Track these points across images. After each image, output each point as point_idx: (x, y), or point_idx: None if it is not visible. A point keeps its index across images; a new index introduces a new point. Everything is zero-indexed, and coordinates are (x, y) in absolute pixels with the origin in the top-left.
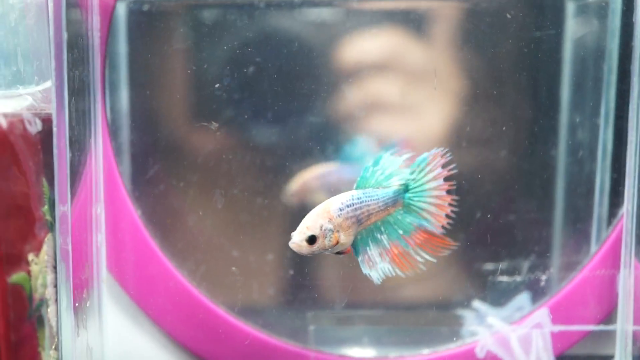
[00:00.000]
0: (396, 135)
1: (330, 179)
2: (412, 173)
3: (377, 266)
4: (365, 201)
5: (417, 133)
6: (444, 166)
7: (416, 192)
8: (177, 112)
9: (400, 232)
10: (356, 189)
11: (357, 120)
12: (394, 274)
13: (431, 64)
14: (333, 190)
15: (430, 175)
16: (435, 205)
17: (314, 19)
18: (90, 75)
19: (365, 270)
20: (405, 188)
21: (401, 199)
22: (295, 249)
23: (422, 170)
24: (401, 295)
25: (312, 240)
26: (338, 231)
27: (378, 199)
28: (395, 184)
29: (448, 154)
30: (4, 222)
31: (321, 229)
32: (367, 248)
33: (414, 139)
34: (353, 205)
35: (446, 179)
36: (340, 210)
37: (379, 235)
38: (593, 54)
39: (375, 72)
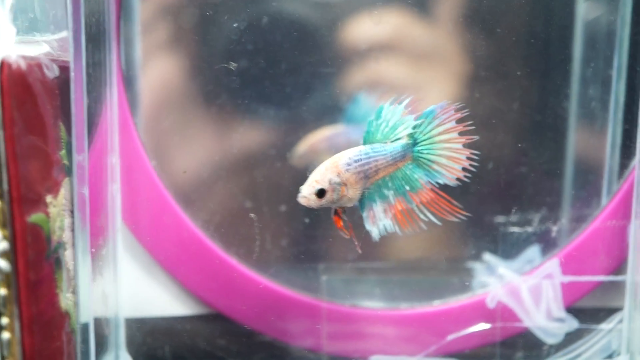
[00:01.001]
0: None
1: (338, 140)
2: (419, 125)
3: (379, 222)
4: (373, 156)
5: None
6: (458, 121)
7: (425, 145)
8: (190, 64)
9: (407, 188)
10: (364, 144)
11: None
12: (394, 231)
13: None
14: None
15: (441, 128)
16: (447, 157)
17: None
18: (106, 25)
19: (367, 226)
20: (414, 141)
21: (410, 152)
22: (304, 203)
23: (431, 122)
24: (412, 247)
25: (320, 193)
26: (346, 185)
27: (386, 153)
28: (403, 137)
29: (463, 109)
30: (23, 163)
31: (330, 183)
32: (373, 204)
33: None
34: (361, 160)
35: (462, 133)
36: (348, 165)
37: (385, 191)
38: (606, 7)
39: (381, 52)
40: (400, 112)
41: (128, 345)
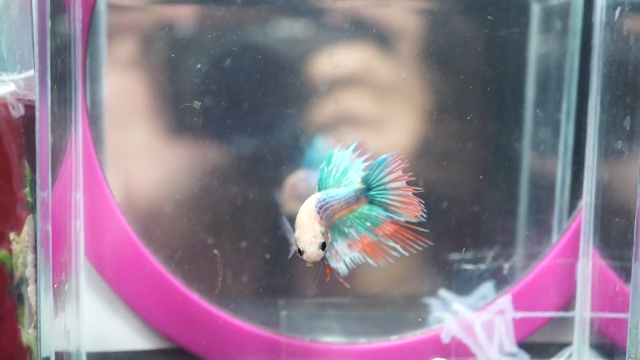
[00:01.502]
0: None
1: (300, 186)
2: (372, 172)
3: (345, 257)
4: (329, 201)
5: (385, 133)
6: (404, 171)
7: (379, 190)
8: (154, 103)
9: (368, 224)
10: (318, 190)
11: (329, 132)
12: (364, 261)
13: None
14: (304, 197)
15: (392, 176)
16: (400, 202)
17: (286, 34)
18: (72, 65)
19: (333, 264)
20: (368, 186)
21: (364, 196)
22: (313, 259)
23: (383, 170)
24: (370, 284)
25: (323, 246)
26: (327, 231)
27: (340, 197)
28: (356, 182)
29: (406, 160)
30: None
31: (322, 234)
32: (334, 242)
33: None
34: (321, 206)
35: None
36: (318, 212)
37: (345, 229)
38: (556, 53)
39: (342, 89)
40: (349, 157)
41: None
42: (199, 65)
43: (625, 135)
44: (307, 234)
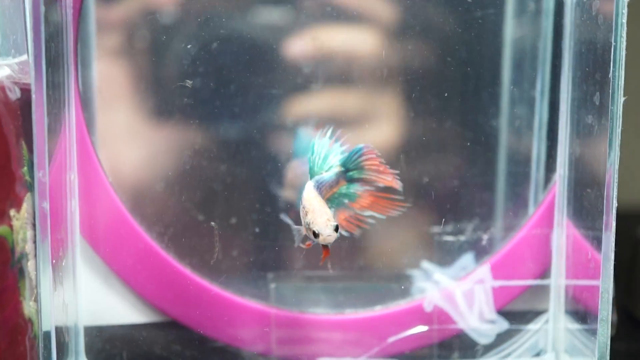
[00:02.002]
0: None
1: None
2: (350, 157)
3: None
4: (319, 187)
5: (367, 114)
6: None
7: (356, 171)
8: (144, 87)
9: (346, 201)
10: (310, 178)
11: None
12: (346, 235)
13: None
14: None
15: (367, 158)
16: (376, 175)
17: (271, 16)
18: (64, 49)
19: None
20: (346, 169)
21: (343, 177)
22: (329, 242)
23: (360, 156)
24: (356, 257)
25: (336, 228)
26: None
27: (324, 182)
28: (336, 166)
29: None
30: None
31: (333, 216)
32: None
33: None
34: (318, 192)
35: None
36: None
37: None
38: (530, 34)
39: (328, 65)
40: (327, 144)
41: (87, 351)
42: (188, 46)
43: (595, 111)
44: (321, 217)
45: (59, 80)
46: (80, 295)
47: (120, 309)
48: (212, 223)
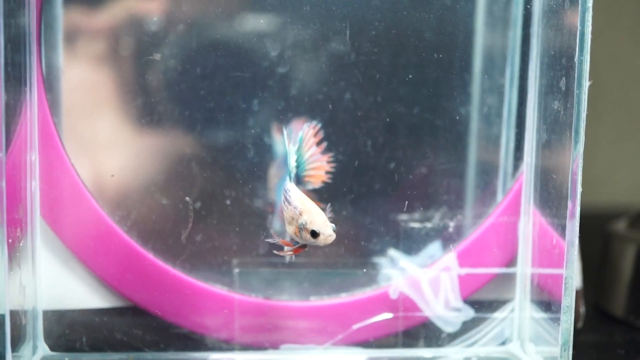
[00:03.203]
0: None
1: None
2: (297, 152)
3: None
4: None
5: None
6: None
7: (301, 167)
8: (112, 73)
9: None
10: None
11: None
12: None
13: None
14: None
15: (306, 148)
16: (313, 170)
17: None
18: (25, 27)
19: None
20: (297, 165)
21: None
22: (330, 241)
23: (300, 147)
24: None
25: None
26: None
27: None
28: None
29: (319, 129)
30: None
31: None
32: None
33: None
34: None
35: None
36: None
37: None
38: (500, 22)
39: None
40: (291, 147)
41: (46, 336)
42: (155, 28)
43: (561, 96)
44: (319, 217)
45: (19, 60)
46: (39, 278)
47: (81, 293)
48: (187, 198)
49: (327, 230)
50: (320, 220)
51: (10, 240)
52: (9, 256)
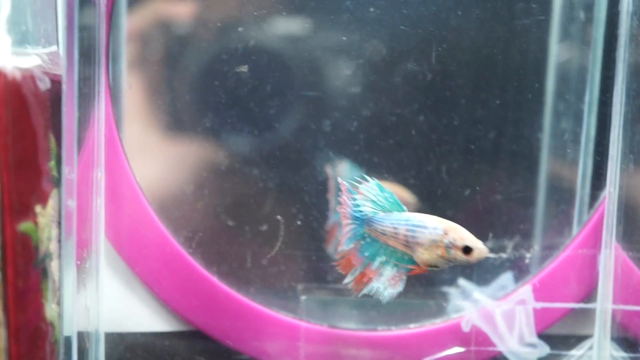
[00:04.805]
0: None
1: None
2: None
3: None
4: None
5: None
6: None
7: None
8: (177, 85)
9: None
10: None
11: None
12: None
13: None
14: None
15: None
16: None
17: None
18: (95, 40)
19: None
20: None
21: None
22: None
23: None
24: None
25: None
26: None
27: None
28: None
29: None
30: (15, 172)
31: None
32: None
33: None
34: None
35: None
36: None
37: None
38: (579, 44)
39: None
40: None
41: (107, 359)
42: (223, 44)
43: None
44: (467, 232)
45: (89, 73)
46: (102, 300)
47: (142, 316)
48: (278, 217)
49: (480, 244)
50: (470, 235)
51: (78, 262)
52: (77, 278)
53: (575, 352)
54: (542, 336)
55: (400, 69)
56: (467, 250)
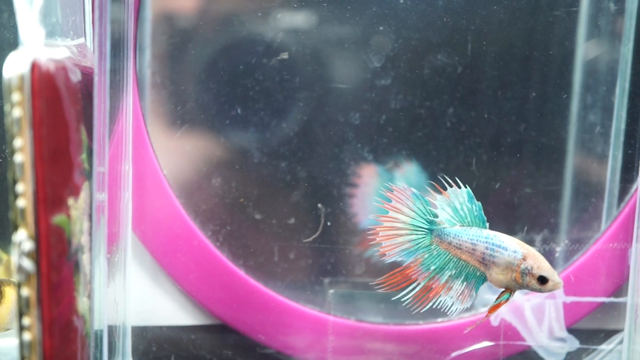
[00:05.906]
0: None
1: None
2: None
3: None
4: None
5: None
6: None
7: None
8: (204, 77)
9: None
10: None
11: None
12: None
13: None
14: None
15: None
16: None
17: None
18: (124, 33)
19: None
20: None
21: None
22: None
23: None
24: None
25: None
26: None
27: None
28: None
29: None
30: (49, 164)
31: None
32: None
33: None
34: None
35: None
36: None
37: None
38: (609, 36)
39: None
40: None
41: (134, 352)
42: (247, 39)
43: None
44: (545, 261)
45: (118, 66)
46: (129, 294)
47: (168, 309)
48: (319, 205)
49: (555, 276)
50: (547, 265)
51: (108, 255)
52: (107, 271)
53: (605, 347)
54: (571, 330)
55: (429, 62)
56: (542, 280)
